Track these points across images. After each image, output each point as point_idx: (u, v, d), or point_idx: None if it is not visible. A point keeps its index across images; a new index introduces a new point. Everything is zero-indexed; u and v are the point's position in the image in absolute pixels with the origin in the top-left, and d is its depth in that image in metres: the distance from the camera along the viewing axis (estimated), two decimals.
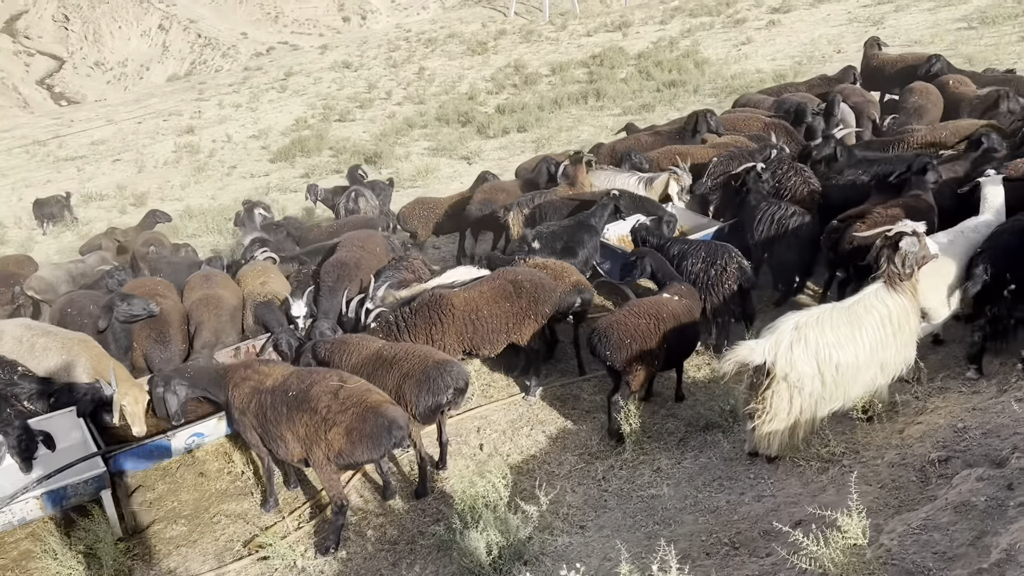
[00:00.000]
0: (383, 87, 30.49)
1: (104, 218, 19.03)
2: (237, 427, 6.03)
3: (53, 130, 31.77)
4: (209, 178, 22.12)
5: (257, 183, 20.62)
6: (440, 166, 18.85)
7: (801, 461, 5.44)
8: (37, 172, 25.75)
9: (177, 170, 23.39)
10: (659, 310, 6.60)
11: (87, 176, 24.23)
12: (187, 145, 25.57)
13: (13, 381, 6.27)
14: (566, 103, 22.56)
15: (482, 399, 7.60)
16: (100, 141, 28.89)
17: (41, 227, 18.78)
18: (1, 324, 7.04)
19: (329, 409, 5.48)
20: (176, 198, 20.33)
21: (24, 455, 5.96)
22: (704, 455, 6.14)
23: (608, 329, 6.43)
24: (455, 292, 7.12)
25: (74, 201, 20.17)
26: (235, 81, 37.31)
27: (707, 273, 7.60)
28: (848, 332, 5.48)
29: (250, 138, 25.96)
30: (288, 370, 5.84)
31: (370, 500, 6.44)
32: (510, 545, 5.13)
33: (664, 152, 10.77)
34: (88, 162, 26.23)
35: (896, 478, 4.88)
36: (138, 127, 30.26)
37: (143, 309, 7.05)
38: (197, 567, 5.91)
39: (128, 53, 68.76)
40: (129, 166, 24.79)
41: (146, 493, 6.73)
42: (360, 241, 8.38)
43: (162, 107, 33.40)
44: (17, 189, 23.56)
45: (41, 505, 5.64)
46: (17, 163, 27.72)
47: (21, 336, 6.69)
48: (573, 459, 6.59)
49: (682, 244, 7.93)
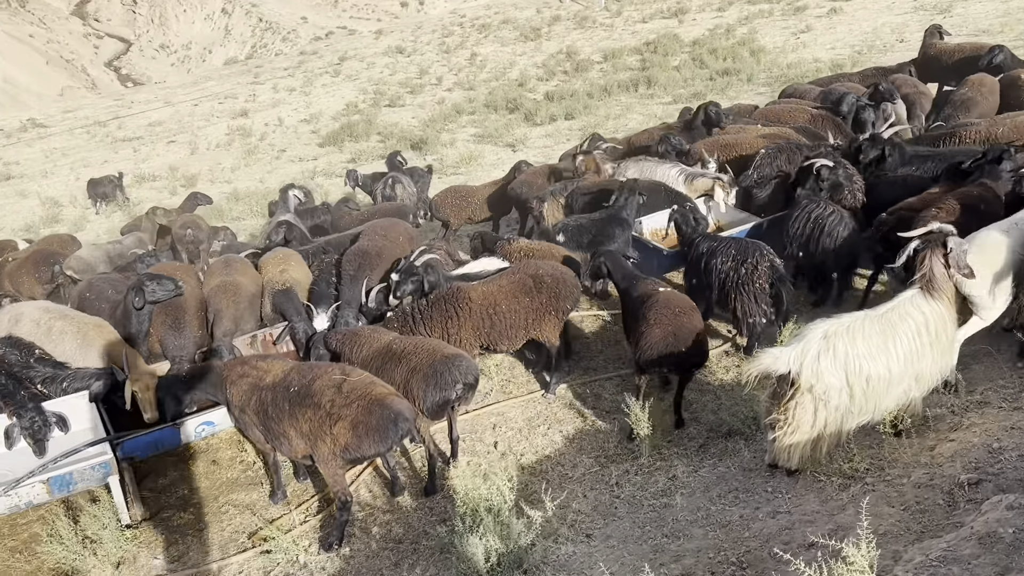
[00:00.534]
0: (434, 73, 30.39)
1: (155, 199, 19.27)
2: (238, 425, 5.95)
3: (113, 111, 32.49)
4: (259, 161, 22.31)
5: (305, 167, 20.72)
6: (484, 153, 18.65)
7: (822, 476, 5.12)
8: (96, 152, 26.33)
9: (229, 152, 23.66)
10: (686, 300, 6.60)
11: (142, 157, 24.68)
12: (240, 128, 25.85)
13: (29, 364, 6.29)
14: (616, 90, 22.13)
15: (500, 395, 7.41)
16: (157, 123, 29.43)
17: (94, 206, 19.16)
18: (21, 306, 7.09)
19: (333, 403, 5.34)
20: (225, 180, 20.54)
21: (37, 437, 5.97)
22: (723, 464, 5.85)
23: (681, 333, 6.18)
24: (473, 285, 6.93)
25: (127, 181, 20.55)
26: (290, 65, 37.65)
27: (737, 272, 7.25)
28: (881, 342, 5.13)
29: (301, 122, 26.12)
30: (288, 365, 5.72)
31: (378, 496, 6.31)
32: (510, 552, 4.94)
33: (709, 143, 10.38)
34: (144, 143, 26.74)
35: (921, 500, 4.54)
36: (194, 109, 30.74)
37: (173, 287, 6.99)
38: (201, 557, 5.85)
39: (192, 36, 70.08)
40: (183, 148, 25.18)
41: (157, 479, 6.72)
42: (383, 230, 8.23)
43: (218, 90, 33.87)
44: (76, 168, 24.11)
45: (48, 489, 5.63)
46: (78, 143, 28.41)
47: (39, 319, 6.72)
48: (588, 461, 6.36)
49: (711, 241, 7.58)
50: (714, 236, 7.79)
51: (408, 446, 6.78)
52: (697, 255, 7.62)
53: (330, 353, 6.57)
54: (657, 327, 6.21)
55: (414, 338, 6.35)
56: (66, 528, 5.79)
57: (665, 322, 6.23)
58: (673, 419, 6.53)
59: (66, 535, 5.74)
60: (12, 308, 7.06)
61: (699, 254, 7.60)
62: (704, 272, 7.51)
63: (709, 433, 6.32)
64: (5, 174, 24.74)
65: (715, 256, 7.35)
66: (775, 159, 9.56)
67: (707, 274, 7.47)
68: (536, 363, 7.72)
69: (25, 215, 19.49)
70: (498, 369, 7.72)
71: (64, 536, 5.73)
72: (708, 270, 7.43)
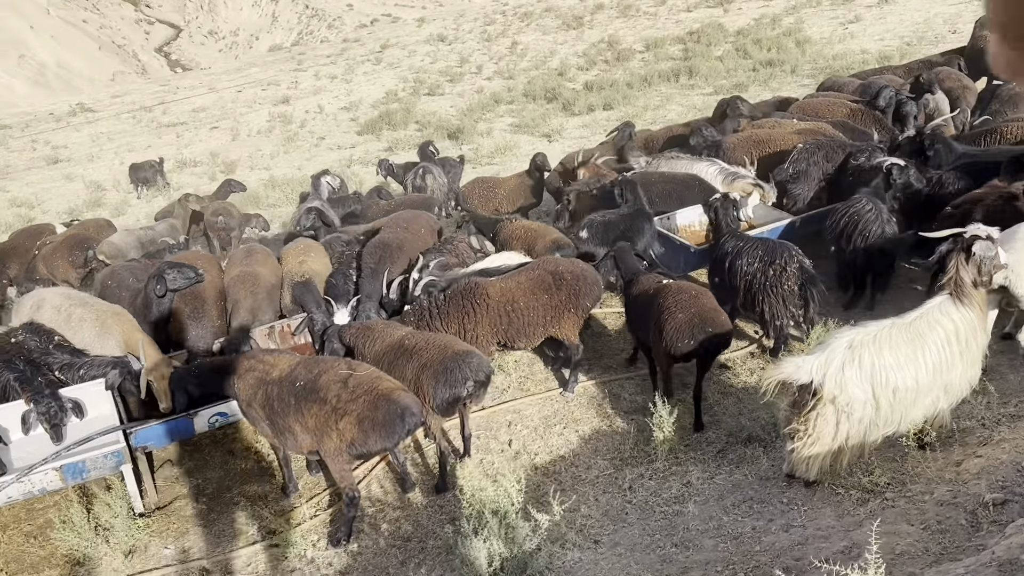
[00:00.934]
0: (475, 61, 30.25)
1: (195, 184, 19.49)
2: (247, 419, 5.93)
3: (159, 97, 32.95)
4: (298, 148, 22.43)
5: (342, 155, 20.77)
6: (520, 143, 18.50)
7: (840, 489, 4.92)
8: (140, 137, 26.73)
9: (269, 139, 23.82)
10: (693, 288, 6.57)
11: (185, 142, 24.97)
12: (281, 115, 26.01)
13: (48, 350, 6.34)
14: (656, 80, 21.78)
15: (518, 392, 7.30)
16: (201, 108, 29.76)
17: (136, 191, 19.42)
18: (43, 292, 7.16)
19: (339, 398, 5.28)
20: (264, 167, 20.68)
21: (54, 423, 6.01)
22: (740, 471, 5.67)
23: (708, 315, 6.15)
24: (491, 281, 6.82)
25: (168, 167, 20.82)
26: (333, 52, 37.79)
27: (764, 274, 7.03)
28: (909, 352, 4.91)
29: (341, 110, 26.19)
30: (294, 360, 5.67)
31: (390, 492, 6.25)
32: (513, 557, 4.83)
33: (743, 139, 10.11)
34: (188, 128, 27.05)
35: (943, 519, 4.33)
36: (237, 96, 31.02)
37: (194, 275, 6.99)
38: (210, 548, 5.85)
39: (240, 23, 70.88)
40: (225, 134, 25.41)
41: (173, 468, 6.75)
42: (405, 222, 8.14)
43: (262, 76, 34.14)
44: (120, 153, 24.49)
45: (61, 476, 5.67)
46: (124, 127, 28.87)
47: (60, 305, 6.77)
48: (603, 463, 6.22)
49: (737, 241, 7.35)
50: (741, 235, 7.56)
51: (423, 442, 6.72)
52: (722, 254, 7.41)
53: (345, 347, 6.51)
54: (680, 312, 6.14)
55: (427, 334, 6.26)
56: (79, 515, 5.83)
57: (686, 306, 6.17)
58: (693, 422, 6.36)
59: (78, 522, 5.79)
60: (35, 294, 7.13)
61: (724, 253, 7.39)
62: (729, 273, 7.30)
63: (728, 438, 6.15)
64: (53, 157, 25.23)
65: (741, 257, 7.14)
66: (813, 155, 9.27)
67: (732, 275, 7.26)
68: (556, 360, 7.59)
69: (70, 198, 19.84)
70: (517, 365, 7.61)
71: (76, 523, 5.77)
72: (733, 271, 7.22)
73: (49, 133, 29.42)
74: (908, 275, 7.94)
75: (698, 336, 6.02)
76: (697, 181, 9.14)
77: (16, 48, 59.30)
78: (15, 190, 21.69)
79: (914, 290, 7.71)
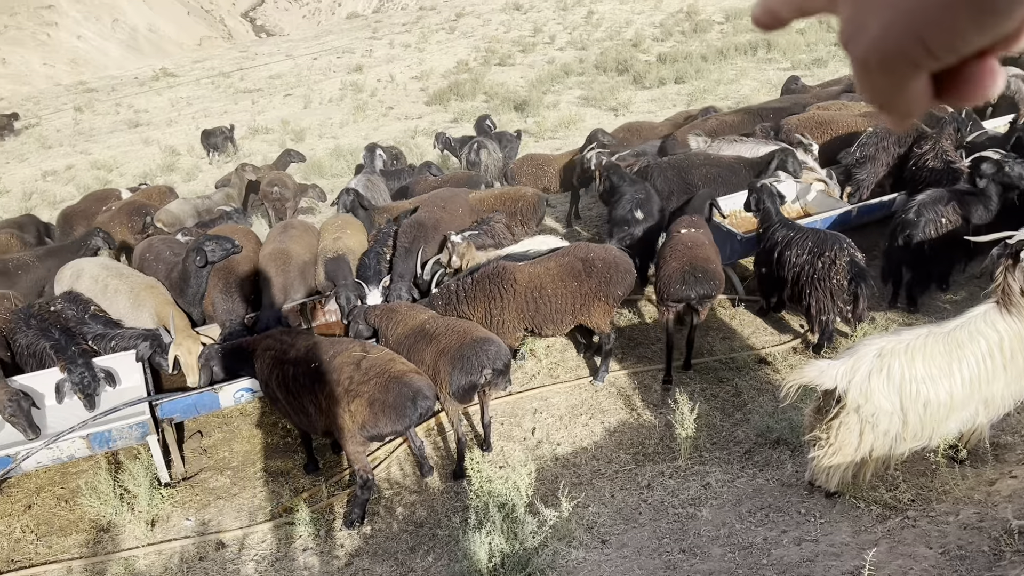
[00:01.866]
0: (548, 31, 29.87)
1: (264, 151, 19.88)
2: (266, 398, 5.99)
3: (238, 63, 33.62)
4: (367, 117, 22.59)
5: (408, 125, 20.82)
6: (586, 117, 18.18)
7: (861, 503, 4.67)
8: (217, 103, 27.37)
9: (339, 108, 24.06)
10: (696, 239, 6.96)
11: (259, 109, 25.45)
12: (353, 84, 26.23)
13: (84, 320, 6.53)
14: (732, 54, 21.11)
15: (547, 378, 7.19)
16: (277, 75, 30.27)
17: (207, 156, 19.89)
18: (82, 262, 7.36)
19: (351, 380, 5.28)
20: (332, 136, 20.90)
21: (87, 392, 6.20)
22: (763, 475, 5.45)
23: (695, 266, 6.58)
24: (520, 266, 6.68)
25: (241, 133, 21.28)
26: (408, 21, 37.84)
27: (813, 266, 6.72)
28: (944, 364, 4.58)
29: (412, 79, 26.25)
30: (311, 341, 5.68)
31: (408, 475, 6.26)
32: (514, 553, 4.76)
33: (805, 119, 9.66)
34: (263, 95, 27.57)
35: (964, 544, 4.05)
36: (313, 63, 31.42)
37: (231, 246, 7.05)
38: (229, 522, 5.97)
39: None
40: (298, 101, 25.79)
41: (201, 440, 6.90)
42: (442, 201, 8.06)
43: (337, 44, 34.48)
44: (197, 118, 25.14)
45: (88, 445, 5.84)
46: (203, 93, 29.62)
47: (97, 275, 6.95)
48: (624, 458, 6.08)
49: (787, 230, 7.04)
50: (791, 224, 7.23)
51: (447, 426, 6.69)
52: (771, 244, 7.11)
53: (371, 328, 6.51)
54: (673, 261, 6.70)
55: (448, 319, 6.19)
56: (105, 483, 6.02)
57: (680, 255, 6.70)
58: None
59: (104, 490, 5.97)
60: (75, 264, 7.34)
61: (773, 243, 7.08)
62: (777, 263, 7.01)
63: (757, 439, 5.92)
64: (134, 121, 26.09)
65: (790, 247, 6.83)
66: (883, 139, 8.79)
67: (780, 266, 6.97)
68: (588, 348, 7.44)
69: (146, 162, 20.47)
70: (548, 351, 7.49)
71: (102, 491, 5.96)
72: (781, 262, 6.93)
73: (133, 97, 30.42)
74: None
75: (689, 283, 6.52)
76: (744, 163, 8.76)
77: (110, 12, 61.33)
78: (97, 152, 22.51)
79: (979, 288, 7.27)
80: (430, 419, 6.71)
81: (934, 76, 0.63)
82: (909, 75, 0.62)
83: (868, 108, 9.60)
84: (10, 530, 6.03)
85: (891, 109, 0.66)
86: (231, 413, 7.14)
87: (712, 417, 6.30)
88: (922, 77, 0.62)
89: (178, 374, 6.53)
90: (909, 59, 0.60)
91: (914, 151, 7.99)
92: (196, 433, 6.94)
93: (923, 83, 0.63)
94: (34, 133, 26.37)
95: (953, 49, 0.59)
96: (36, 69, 45.93)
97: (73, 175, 20.06)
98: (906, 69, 0.61)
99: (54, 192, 18.39)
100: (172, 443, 6.35)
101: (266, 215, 12.41)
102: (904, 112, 0.66)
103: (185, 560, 5.60)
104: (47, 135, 25.94)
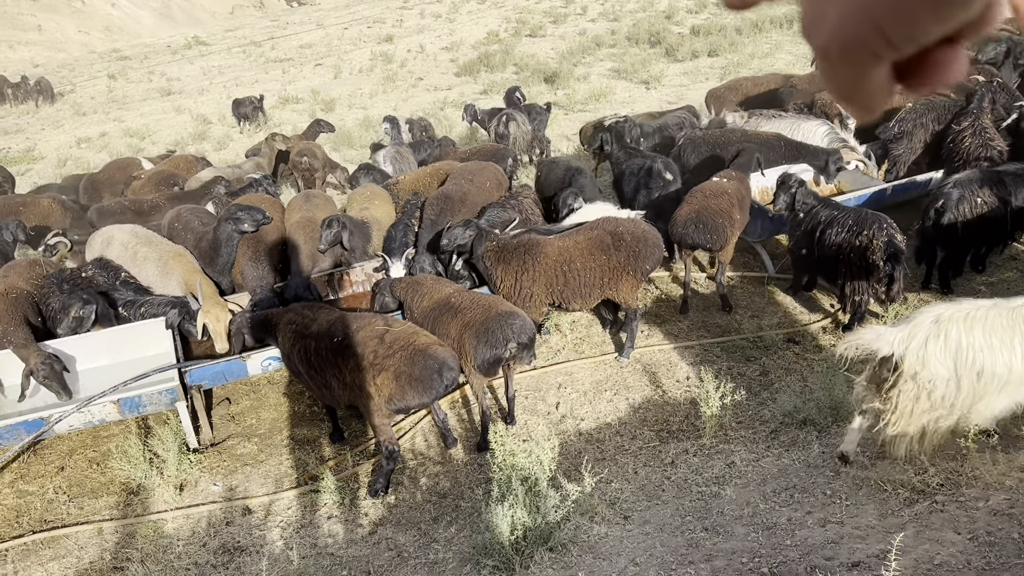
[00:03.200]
0: (580, 1, 29.48)
1: (294, 121, 19.90)
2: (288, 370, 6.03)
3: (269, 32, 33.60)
4: (396, 88, 22.51)
5: (437, 96, 20.70)
6: (617, 89, 17.98)
7: (888, 486, 4.61)
8: (248, 72, 27.42)
9: (369, 78, 23.98)
10: (719, 188, 7.26)
11: (289, 79, 25.45)
12: (383, 54, 26.12)
13: (115, 286, 6.60)
14: (768, 27, 20.71)
15: (572, 353, 7.17)
16: (308, 45, 30.24)
17: (238, 125, 19.95)
18: (112, 229, 7.42)
19: (376, 354, 5.29)
20: (361, 106, 20.86)
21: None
22: (789, 456, 5.41)
23: (701, 215, 6.94)
24: (549, 239, 6.64)
25: (271, 103, 21.29)
26: None
27: (851, 244, 6.59)
28: (1007, 337, 4.47)
29: (442, 50, 26.08)
30: (333, 315, 5.69)
31: (433, 446, 6.28)
32: (536, 527, 4.77)
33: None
34: (293, 64, 27.56)
35: (993, 531, 3.99)
36: (343, 33, 31.32)
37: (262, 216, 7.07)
38: (256, 488, 6.04)
39: None
40: (328, 71, 25.75)
41: (230, 406, 6.97)
42: (470, 174, 8.00)
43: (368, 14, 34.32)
44: (228, 87, 25.21)
45: (119, 409, 5.93)
46: (234, 62, 29.68)
47: (127, 243, 7.01)
48: (649, 435, 6.06)
49: (830, 210, 6.89)
50: (834, 204, 7.07)
51: (471, 399, 6.71)
52: (813, 224, 6.94)
53: (397, 300, 6.51)
54: (686, 206, 7.17)
55: (474, 293, 6.17)
56: (135, 447, 6.11)
57: (694, 202, 7.16)
58: None
59: (135, 454, 6.06)
60: (105, 231, 7.41)
61: (815, 223, 6.92)
62: (819, 244, 6.86)
63: (784, 418, 5.87)
64: (167, 89, 26.22)
65: (832, 226, 6.70)
66: (922, 116, 8.62)
67: (821, 246, 6.83)
68: (614, 324, 7.39)
69: (178, 130, 20.58)
70: (574, 327, 7.46)
71: (132, 455, 6.05)
72: (822, 241, 6.79)
73: (165, 65, 30.56)
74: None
75: (688, 229, 6.95)
76: (783, 141, 8.61)
77: None
78: (129, 120, 22.68)
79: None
80: (454, 392, 6.72)
81: (902, 63, 0.60)
82: (870, 65, 0.60)
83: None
84: (43, 491, 6.16)
85: (853, 100, 0.65)
86: (259, 381, 7.20)
87: (738, 396, 6.24)
88: (883, 67, 0.60)
89: (207, 341, 6.60)
90: (869, 49, 0.58)
91: (952, 128, 7.79)
92: (224, 400, 7.02)
93: (885, 73, 0.61)
94: (69, 100, 26.62)
95: (912, 39, 0.56)
96: (71, 36, 46.26)
97: (107, 142, 20.22)
98: (866, 59, 0.59)
99: (88, 159, 18.56)
100: (200, 409, 6.42)
101: (295, 184, 12.45)
102: (867, 103, 0.64)
103: (212, 524, 5.69)
104: (81, 102, 26.17)
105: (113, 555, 5.47)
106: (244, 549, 5.42)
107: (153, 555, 5.41)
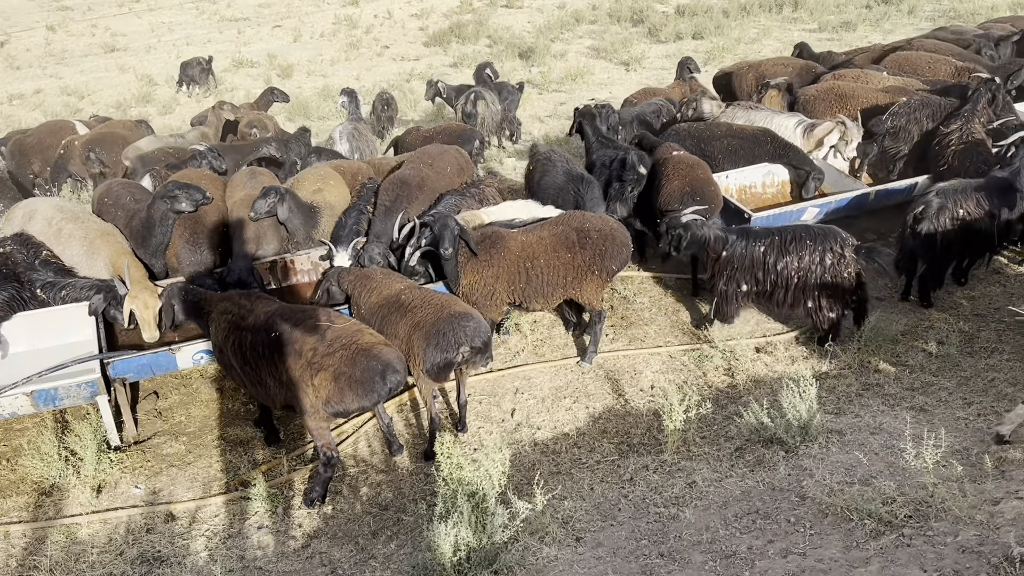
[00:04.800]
0: None
1: (248, 86, 19.52)
2: (219, 365, 5.86)
3: None
4: (360, 56, 22.20)
5: (403, 67, 20.44)
6: (595, 70, 17.88)
7: (854, 516, 4.60)
8: (200, 30, 26.84)
9: (331, 44, 23.62)
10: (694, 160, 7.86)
11: (245, 40, 24.95)
12: (347, 18, 25.72)
13: (33, 266, 6.36)
14: (756, 10, 20.76)
15: (531, 356, 7.09)
16: (266, 4, 29.64)
17: (185, 89, 19.52)
18: (35, 202, 7.17)
19: (315, 351, 5.16)
20: (322, 74, 20.53)
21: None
22: (753, 477, 5.38)
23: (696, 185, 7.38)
24: (513, 233, 6.53)
25: (224, 65, 20.86)
26: None
27: (822, 264, 6.50)
28: None
29: (411, 16, 25.77)
30: (271, 307, 5.54)
31: (376, 453, 6.18)
32: (482, 547, 4.69)
33: (823, 91, 9.45)
34: (250, 25, 27.02)
35: (961, 569, 3.98)
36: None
37: (201, 197, 6.83)
38: (181, 492, 5.89)
39: None
40: (287, 34, 25.30)
41: (157, 402, 6.80)
42: (430, 158, 7.83)
43: None
44: (178, 46, 24.65)
45: (32, 402, 5.73)
46: (186, 19, 29.00)
47: (52, 218, 6.76)
48: (608, 448, 6.01)
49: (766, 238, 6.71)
50: (764, 231, 6.83)
51: (420, 401, 6.60)
52: (752, 258, 6.67)
53: (344, 293, 6.37)
54: (676, 179, 7.52)
55: (426, 290, 6.05)
56: (49, 444, 5.92)
57: (683, 174, 7.54)
58: None
59: (48, 452, 5.88)
60: (28, 203, 7.15)
61: (755, 255, 6.71)
62: (766, 273, 6.71)
63: (750, 435, 5.84)
64: (111, 45, 25.55)
65: (785, 253, 6.54)
66: (916, 111, 8.61)
67: (770, 274, 6.68)
68: (578, 326, 7.33)
69: (120, 90, 20.10)
70: (535, 327, 7.39)
71: (46, 452, 5.87)
72: (781, 272, 6.58)
73: (110, 19, 29.77)
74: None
75: (687, 204, 7.16)
76: (769, 137, 8.57)
77: None
78: (68, 77, 22.09)
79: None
80: (402, 394, 6.62)
81: None
82: None
83: (889, 82, 9.39)
84: None
85: None
86: (190, 374, 7.03)
87: (703, 409, 6.18)
88: None
89: (133, 329, 6.41)
90: None
91: (940, 129, 7.80)
92: (152, 394, 6.84)
93: None
94: (2, 52, 25.87)
95: None
96: None
97: (41, 100, 19.70)
98: None
99: (20, 117, 18.06)
100: (124, 404, 6.24)
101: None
102: None
103: (131, 531, 5.53)
104: (16, 55, 25.43)
105: (20, 562, 5.30)
106: (164, 560, 5.28)
107: (63, 563, 5.24)
